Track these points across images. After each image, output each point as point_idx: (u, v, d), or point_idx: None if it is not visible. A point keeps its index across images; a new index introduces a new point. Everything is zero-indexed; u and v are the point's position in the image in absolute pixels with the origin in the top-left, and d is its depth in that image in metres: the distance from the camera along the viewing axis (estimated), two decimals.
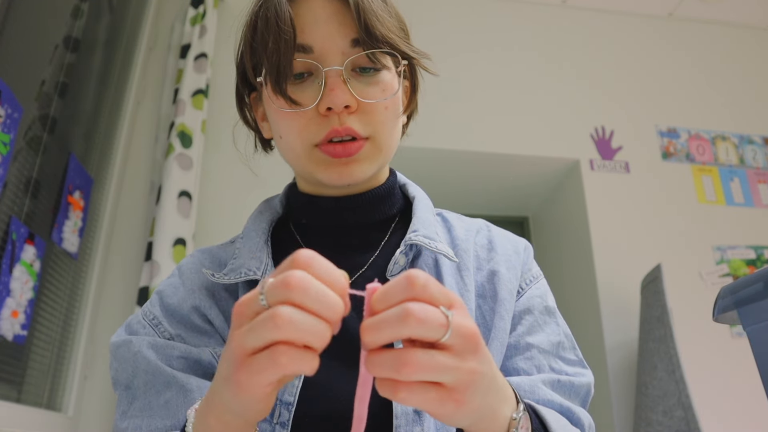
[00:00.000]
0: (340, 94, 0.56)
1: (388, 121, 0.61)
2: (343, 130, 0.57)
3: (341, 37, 0.58)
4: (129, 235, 2.04)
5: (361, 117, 0.59)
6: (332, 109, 0.57)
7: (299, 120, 0.58)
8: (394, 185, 0.68)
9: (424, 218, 0.64)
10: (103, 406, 1.82)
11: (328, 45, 0.58)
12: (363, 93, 0.58)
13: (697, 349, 2.17)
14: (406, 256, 0.61)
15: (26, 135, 1.42)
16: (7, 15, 1.34)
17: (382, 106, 0.59)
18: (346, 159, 0.58)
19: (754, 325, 0.52)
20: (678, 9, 2.88)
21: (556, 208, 2.79)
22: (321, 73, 0.58)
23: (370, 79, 0.59)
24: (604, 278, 2.33)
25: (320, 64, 0.58)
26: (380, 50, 0.58)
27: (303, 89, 0.58)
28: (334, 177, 0.59)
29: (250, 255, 0.62)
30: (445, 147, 2.42)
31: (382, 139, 0.61)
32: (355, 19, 0.57)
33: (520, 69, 2.66)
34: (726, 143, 2.70)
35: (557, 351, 0.64)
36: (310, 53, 0.58)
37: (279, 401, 0.54)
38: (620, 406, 2.16)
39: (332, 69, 0.57)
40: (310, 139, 0.59)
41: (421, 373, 0.36)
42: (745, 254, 2.45)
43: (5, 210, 1.33)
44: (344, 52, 0.58)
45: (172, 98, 2.15)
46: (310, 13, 0.59)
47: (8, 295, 1.33)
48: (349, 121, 0.58)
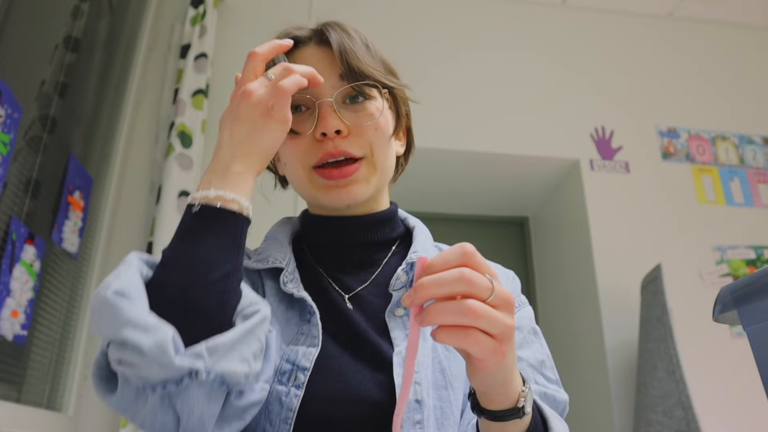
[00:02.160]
0: (331, 120, 0.65)
1: (380, 141, 0.69)
2: (336, 152, 0.66)
3: (330, 75, 0.68)
4: (129, 235, 2.04)
5: (354, 139, 0.67)
6: (326, 135, 0.66)
7: (299, 146, 0.67)
8: (395, 212, 0.77)
9: (424, 243, 0.73)
10: (103, 406, 1.82)
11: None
12: (352, 119, 0.67)
13: (697, 349, 2.17)
14: (407, 274, 0.68)
15: (26, 135, 1.42)
16: (7, 15, 1.34)
17: (371, 127, 0.68)
18: (344, 181, 0.66)
19: (754, 325, 0.52)
20: (678, 9, 2.88)
21: (556, 208, 2.79)
22: (315, 105, 0.67)
23: (358, 107, 0.69)
24: (604, 278, 2.33)
25: (314, 97, 0.67)
26: (361, 82, 0.68)
27: (302, 121, 0.68)
28: (334, 199, 0.67)
29: (276, 249, 0.71)
30: (445, 147, 2.42)
31: (377, 158, 0.69)
32: (339, 59, 0.68)
33: (520, 69, 2.66)
34: (726, 143, 2.70)
35: (541, 368, 0.69)
36: (304, 90, 0.66)
37: (295, 366, 0.60)
38: (620, 406, 2.16)
39: (324, 101, 0.67)
40: (308, 161, 0.68)
41: (481, 320, 0.43)
42: (745, 254, 2.45)
43: (5, 210, 1.33)
44: (334, 86, 0.68)
45: (172, 98, 2.15)
46: (302, 58, 0.71)
47: (8, 295, 1.33)
48: (342, 145, 0.66)
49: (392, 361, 0.62)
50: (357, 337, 0.64)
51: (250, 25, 2.47)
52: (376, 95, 0.70)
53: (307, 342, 0.62)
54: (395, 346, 0.63)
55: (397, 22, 2.63)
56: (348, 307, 0.67)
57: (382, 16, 2.63)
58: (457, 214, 3.03)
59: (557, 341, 2.70)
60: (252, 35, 2.44)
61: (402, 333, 0.64)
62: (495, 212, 3.06)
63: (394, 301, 0.67)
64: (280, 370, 0.61)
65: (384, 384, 0.61)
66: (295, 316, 0.65)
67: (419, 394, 0.60)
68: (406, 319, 0.65)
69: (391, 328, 0.65)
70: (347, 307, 0.67)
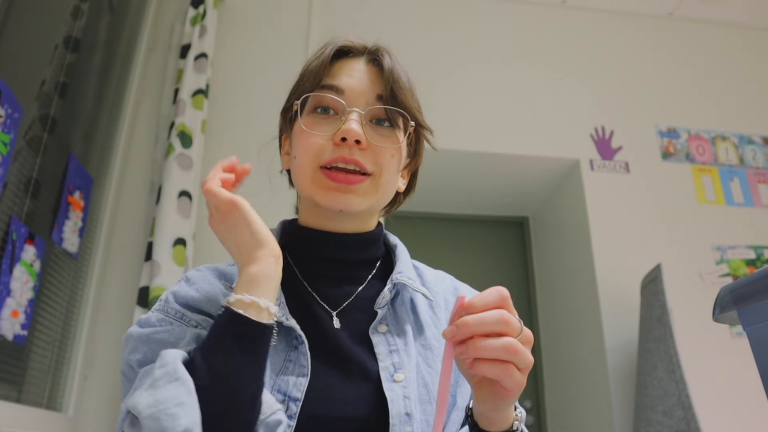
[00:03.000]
0: (355, 128, 0.67)
1: (391, 168, 0.71)
2: (350, 159, 0.67)
3: (369, 91, 0.70)
4: (129, 235, 2.04)
5: (369, 155, 0.69)
6: (346, 141, 0.67)
7: (313, 144, 0.69)
8: (381, 233, 0.79)
9: (406, 263, 0.76)
10: (103, 406, 1.83)
11: (357, 92, 0.70)
12: (375, 139, 0.69)
13: (697, 349, 2.17)
14: (391, 292, 0.71)
15: (26, 135, 1.42)
16: (7, 15, 1.34)
17: (389, 152, 0.70)
18: (346, 187, 0.68)
19: (754, 325, 0.52)
20: (678, 9, 2.88)
21: (556, 208, 2.79)
22: (345, 111, 0.69)
23: (383, 131, 0.71)
24: (604, 278, 2.33)
25: (346, 104, 0.69)
26: (396, 109, 0.70)
27: (327, 122, 0.70)
28: (329, 200, 0.68)
29: None
30: (445, 147, 2.42)
31: (383, 180, 0.70)
32: (386, 83, 0.70)
33: (520, 69, 2.66)
34: (726, 143, 2.70)
35: None
36: (341, 94, 0.69)
37: (287, 396, 0.61)
38: (620, 406, 2.16)
39: (354, 110, 0.68)
40: (318, 159, 0.68)
41: (518, 356, 0.51)
42: (745, 254, 2.45)
43: (5, 210, 1.33)
44: (368, 103, 0.70)
45: (172, 98, 2.15)
46: (349, 67, 0.72)
47: (8, 295, 1.33)
48: (357, 155, 0.68)
49: (379, 376, 0.63)
50: (344, 356, 0.65)
51: (250, 25, 2.47)
52: (401, 126, 0.72)
53: (296, 371, 0.62)
54: (379, 362, 0.65)
55: (397, 23, 2.63)
56: (334, 326, 0.68)
57: (382, 18, 2.63)
58: (457, 214, 3.03)
59: (557, 341, 2.70)
60: (252, 35, 2.45)
61: (385, 348, 0.66)
62: (495, 212, 3.06)
63: (379, 317, 0.68)
64: None
65: (371, 399, 0.62)
66: (281, 342, 0.64)
67: (409, 408, 0.62)
68: (389, 335, 0.68)
69: (375, 344, 0.66)
70: (333, 326, 0.68)
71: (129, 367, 0.62)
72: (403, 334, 0.68)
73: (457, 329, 0.51)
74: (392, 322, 0.69)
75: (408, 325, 0.69)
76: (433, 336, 0.71)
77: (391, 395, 0.62)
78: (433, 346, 0.69)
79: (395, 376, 0.63)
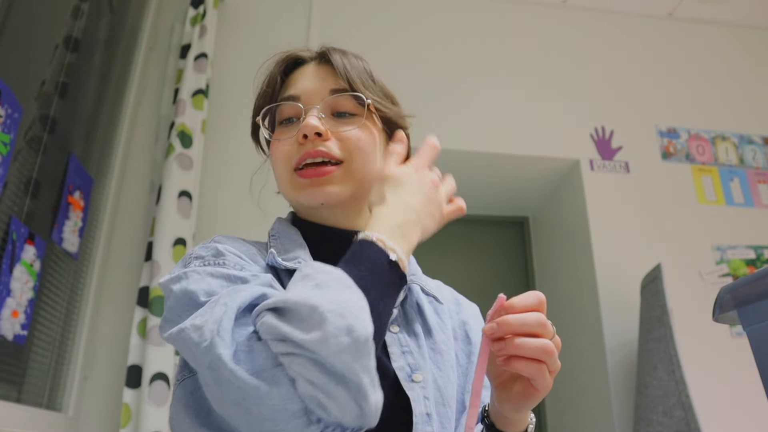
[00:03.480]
0: (312, 122, 0.68)
1: (361, 151, 0.70)
2: (314, 152, 0.68)
3: (322, 88, 0.72)
4: (129, 235, 2.04)
5: (336, 143, 0.70)
6: (307, 137, 0.68)
7: (282, 150, 0.71)
8: None
9: (415, 265, 0.79)
10: (103, 406, 1.82)
11: (311, 93, 0.72)
12: (336, 127, 0.71)
13: (697, 349, 2.17)
14: (403, 292, 0.71)
15: (26, 135, 1.42)
16: (7, 15, 1.34)
17: (355, 136, 0.70)
18: (319, 180, 0.68)
19: (754, 325, 0.52)
20: (678, 9, 2.88)
21: (556, 208, 2.79)
22: (302, 113, 0.71)
23: (344, 120, 0.72)
24: (604, 278, 2.33)
25: (303, 106, 0.71)
26: (350, 93, 0.71)
27: (290, 129, 0.72)
28: (309, 197, 0.69)
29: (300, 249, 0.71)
30: (445, 147, 2.40)
31: (356, 165, 0.70)
32: (337, 75, 0.72)
33: (520, 69, 2.66)
34: (726, 143, 2.70)
35: None
36: (297, 100, 0.72)
37: None
38: (620, 406, 2.16)
39: (310, 107, 0.71)
40: (290, 164, 0.70)
41: (552, 358, 0.54)
42: (745, 254, 2.45)
43: (5, 210, 1.33)
44: (323, 98, 0.71)
45: (172, 98, 2.15)
46: (301, 75, 0.75)
47: (8, 295, 1.33)
48: (320, 146, 0.68)
49: (395, 376, 0.64)
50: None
51: (250, 25, 2.47)
52: (363, 113, 0.72)
53: None
54: (393, 362, 0.65)
55: (397, 23, 2.63)
56: None
57: (382, 18, 2.63)
58: None
59: None
60: (252, 35, 2.45)
61: (398, 349, 0.66)
62: (495, 212, 3.06)
63: (392, 318, 0.68)
64: None
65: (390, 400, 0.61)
66: None
67: (429, 408, 0.63)
68: (401, 335, 0.68)
69: (388, 344, 0.66)
70: None
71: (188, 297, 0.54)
72: (414, 336, 0.69)
73: (498, 327, 0.54)
74: (403, 323, 0.70)
75: (418, 326, 0.70)
76: (443, 341, 0.71)
77: (413, 395, 0.62)
78: (443, 351, 0.70)
79: (414, 377, 0.64)
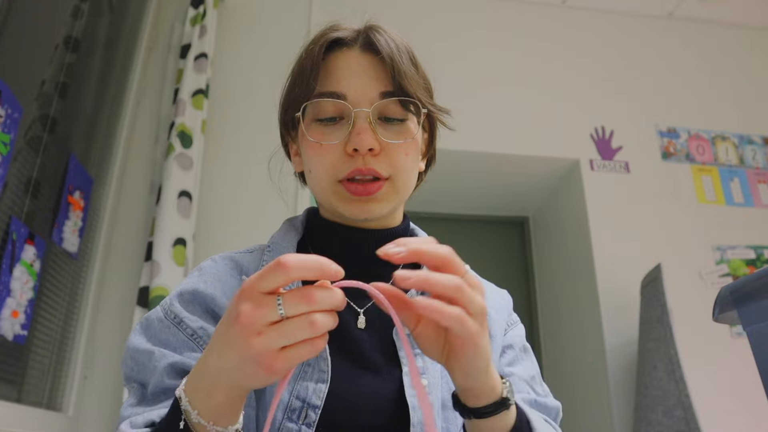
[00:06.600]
0: (366, 138, 0.64)
1: (407, 166, 0.68)
2: (366, 170, 0.65)
3: (372, 89, 0.67)
4: (129, 235, 2.04)
5: (383, 159, 0.66)
6: (358, 151, 0.64)
7: (327, 157, 0.66)
8: (408, 228, 0.76)
9: None
10: (103, 406, 1.82)
11: (359, 93, 0.66)
12: (386, 137, 0.66)
13: (697, 349, 2.17)
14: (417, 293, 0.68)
15: (26, 135, 1.42)
16: (7, 15, 1.34)
17: (402, 151, 0.67)
18: (366, 198, 0.66)
19: (754, 325, 0.52)
20: (678, 9, 2.88)
21: (556, 208, 2.79)
22: (351, 115, 0.65)
23: (394, 127, 0.67)
24: (604, 278, 2.33)
25: (351, 106, 0.66)
26: (406, 98, 0.66)
27: (334, 130, 0.66)
28: (355, 212, 0.67)
29: None
30: (445, 147, 2.40)
31: (401, 181, 0.68)
32: (388, 73, 0.66)
33: (520, 69, 2.66)
34: (726, 143, 2.70)
35: (531, 382, 0.73)
36: (343, 98, 0.66)
37: (306, 403, 0.59)
38: (620, 406, 2.16)
39: (361, 111, 0.65)
40: (335, 175, 0.66)
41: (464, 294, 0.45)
42: (745, 254, 2.45)
43: (5, 210, 1.33)
44: (372, 100, 0.66)
45: (172, 98, 2.15)
46: (345, 65, 0.68)
47: (8, 295, 1.33)
48: (371, 163, 0.65)
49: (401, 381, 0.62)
50: (366, 360, 0.64)
51: (250, 25, 2.47)
52: (413, 117, 0.69)
53: (315, 377, 0.61)
54: (403, 366, 0.63)
55: (397, 24, 2.63)
56: (357, 327, 0.66)
57: (382, 18, 2.62)
58: (457, 214, 3.03)
59: (557, 341, 2.70)
60: (252, 35, 2.45)
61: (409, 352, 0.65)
62: (495, 212, 3.06)
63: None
64: (290, 407, 0.60)
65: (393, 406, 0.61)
66: None
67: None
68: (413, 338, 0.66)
69: (399, 347, 0.65)
70: (356, 326, 0.66)
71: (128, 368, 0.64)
72: None
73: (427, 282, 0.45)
74: None
75: None
76: None
77: (413, 402, 0.61)
78: None
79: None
